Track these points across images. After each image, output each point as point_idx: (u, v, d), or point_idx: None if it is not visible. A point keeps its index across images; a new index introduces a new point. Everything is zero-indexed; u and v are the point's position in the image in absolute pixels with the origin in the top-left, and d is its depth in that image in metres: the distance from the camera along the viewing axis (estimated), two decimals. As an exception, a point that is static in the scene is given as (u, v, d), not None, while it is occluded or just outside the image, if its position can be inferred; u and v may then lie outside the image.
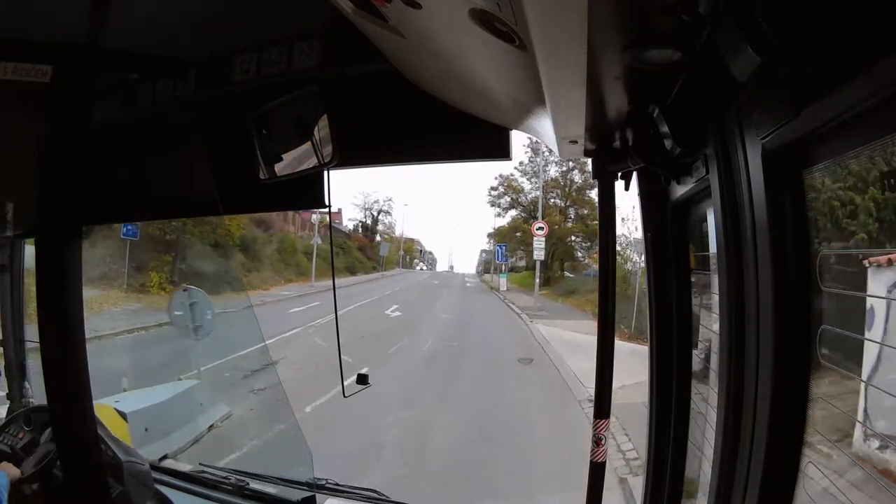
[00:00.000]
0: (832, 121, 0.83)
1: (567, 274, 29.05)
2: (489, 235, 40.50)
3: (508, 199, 34.51)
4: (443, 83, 1.54)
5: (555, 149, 1.66)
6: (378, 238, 49.06)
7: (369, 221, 51.12)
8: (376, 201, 50.67)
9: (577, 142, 1.52)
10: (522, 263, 35.64)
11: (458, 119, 1.65)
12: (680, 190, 1.49)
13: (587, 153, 1.62)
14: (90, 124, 1.60)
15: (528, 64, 0.99)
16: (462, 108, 1.64)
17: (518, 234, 33.21)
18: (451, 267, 61.26)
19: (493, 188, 34.73)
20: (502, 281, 30.46)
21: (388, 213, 52.38)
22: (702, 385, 1.60)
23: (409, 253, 58.55)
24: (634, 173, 1.63)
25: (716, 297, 1.35)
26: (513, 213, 34.92)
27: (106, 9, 1.42)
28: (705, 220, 1.48)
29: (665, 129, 1.23)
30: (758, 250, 1.04)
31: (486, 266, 43.23)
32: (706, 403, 1.54)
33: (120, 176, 1.88)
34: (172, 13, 1.48)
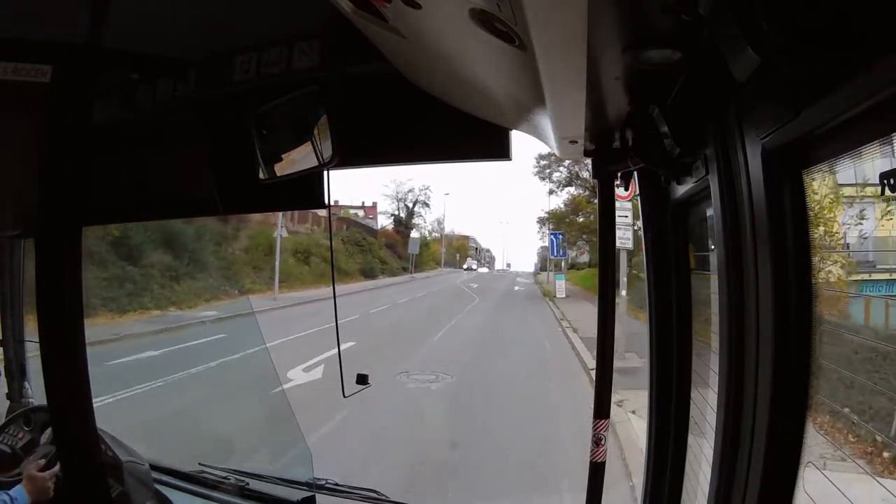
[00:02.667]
0: (832, 121, 0.83)
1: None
2: (540, 221, 31.07)
3: (565, 170, 25.00)
4: (443, 83, 1.54)
5: (555, 149, 1.66)
6: (415, 234, 41.68)
7: (403, 214, 42.89)
8: (411, 191, 42.75)
9: (577, 142, 1.52)
10: (585, 258, 26.83)
11: (458, 119, 1.65)
12: (680, 190, 1.49)
13: (587, 153, 1.62)
14: (90, 124, 1.60)
15: (528, 64, 0.99)
16: (462, 108, 1.64)
17: (580, 217, 24.03)
18: (508, 265, 55.15)
19: (541, 156, 25.01)
20: (559, 284, 21.54)
21: (425, 204, 44.18)
22: (702, 385, 1.60)
23: (462, 251, 52.26)
24: (634, 173, 1.63)
25: (716, 297, 1.35)
26: (571, 190, 25.30)
27: (106, 9, 1.42)
28: (705, 220, 1.48)
29: (665, 129, 1.23)
30: (758, 250, 1.04)
31: (544, 263, 34.88)
32: (706, 403, 1.54)
33: (120, 176, 1.88)
34: (172, 13, 1.48)
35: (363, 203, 44.35)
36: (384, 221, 42.83)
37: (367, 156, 1.83)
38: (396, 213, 43.36)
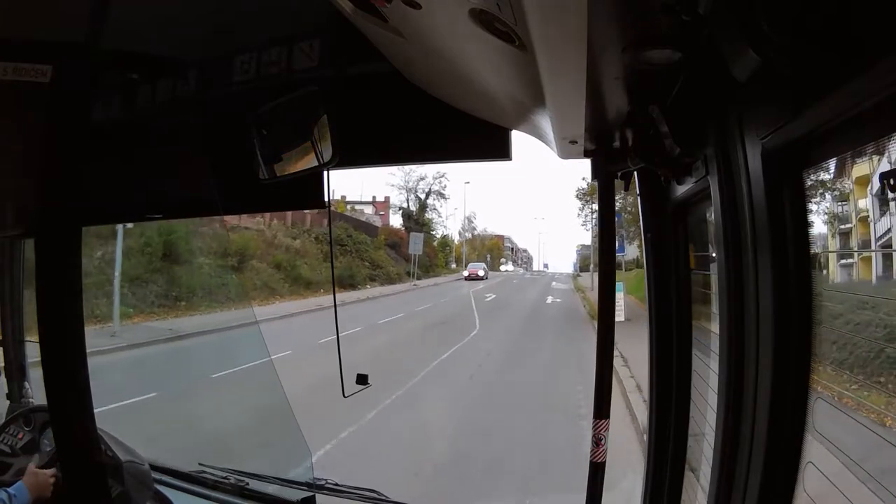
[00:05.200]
0: (832, 121, 0.83)
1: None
2: (581, 197, 25.07)
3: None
4: (443, 83, 1.54)
5: (555, 149, 1.66)
6: (437, 231, 34.60)
7: (414, 207, 35.58)
8: (422, 178, 35.41)
9: (577, 142, 1.52)
10: (632, 254, 18.58)
11: (458, 119, 1.65)
12: (680, 190, 1.49)
13: (587, 153, 1.62)
14: (90, 124, 1.60)
15: (528, 64, 0.99)
16: (462, 108, 1.64)
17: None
18: (546, 266, 49.41)
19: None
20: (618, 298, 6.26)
21: (441, 194, 36.56)
22: (702, 385, 1.60)
23: (495, 252, 46.32)
24: (634, 173, 1.63)
25: (716, 297, 1.35)
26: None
27: (106, 9, 1.42)
28: (705, 220, 1.48)
29: (665, 129, 1.23)
30: (758, 250, 1.04)
31: (585, 263, 30.91)
32: (706, 403, 1.54)
33: (120, 176, 1.88)
34: (172, 13, 1.49)
35: (374, 198, 37.34)
36: (400, 219, 35.60)
37: (367, 156, 1.83)
38: (405, 205, 35.80)
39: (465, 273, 32.57)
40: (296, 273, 20.26)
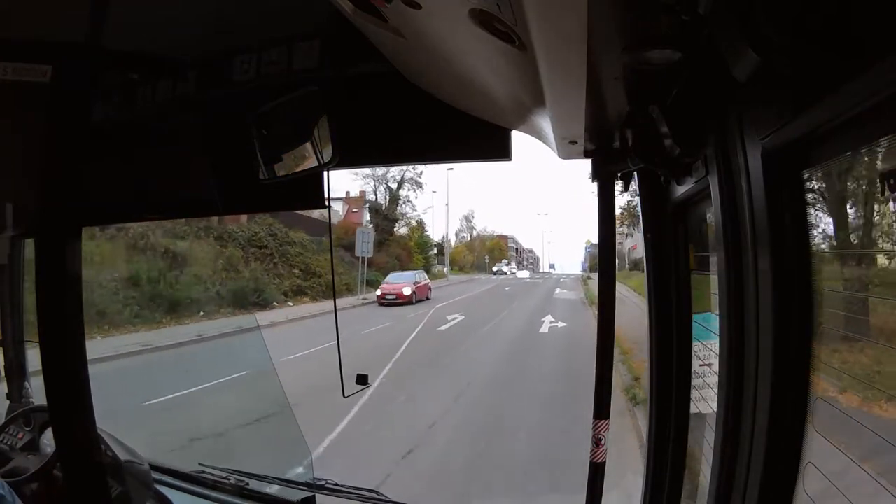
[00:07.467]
0: (832, 121, 0.83)
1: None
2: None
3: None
4: (443, 83, 1.54)
5: (555, 149, 1.66)
6: (426, 229, 28.54)
7: (385, 201, 30.25)
8: None
9: (576, 142, 1.53)
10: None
11: (458, 119, 1.65)
12: (680, 190, 1.49)
13: (587, 153, 1.62)
14: (90, 124, 1.60)
15: (528, 64, 0.99)
16: (462, 109, 1.64)
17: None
18: (552, 266, 46.62)
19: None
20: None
21: (417, 183, 31.18)
22: (702, 385, 1.60)
23: (497, 252, 43.16)
24: (634, 173, 1.63)
25: (716, 297, 1.35)
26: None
27: (106, 9, 1.43)
28: (705, 220, 1.48)
29: (665, 129, 1.23)
30: (758, 250, 1.04)
31: (595, 262, 22.78)
32: (706, 403, 1.54)
33: (120, 176, 1.89)
34: (172, 13, 1.49)
35: (347, 193, 30.63)
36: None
37: (367, 156, 1.83)
38: (374, 198, 29.97)
39: (378, 293, 20.79)
40: (156, 290, 13.88)
